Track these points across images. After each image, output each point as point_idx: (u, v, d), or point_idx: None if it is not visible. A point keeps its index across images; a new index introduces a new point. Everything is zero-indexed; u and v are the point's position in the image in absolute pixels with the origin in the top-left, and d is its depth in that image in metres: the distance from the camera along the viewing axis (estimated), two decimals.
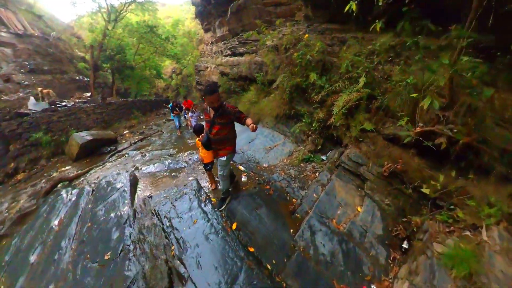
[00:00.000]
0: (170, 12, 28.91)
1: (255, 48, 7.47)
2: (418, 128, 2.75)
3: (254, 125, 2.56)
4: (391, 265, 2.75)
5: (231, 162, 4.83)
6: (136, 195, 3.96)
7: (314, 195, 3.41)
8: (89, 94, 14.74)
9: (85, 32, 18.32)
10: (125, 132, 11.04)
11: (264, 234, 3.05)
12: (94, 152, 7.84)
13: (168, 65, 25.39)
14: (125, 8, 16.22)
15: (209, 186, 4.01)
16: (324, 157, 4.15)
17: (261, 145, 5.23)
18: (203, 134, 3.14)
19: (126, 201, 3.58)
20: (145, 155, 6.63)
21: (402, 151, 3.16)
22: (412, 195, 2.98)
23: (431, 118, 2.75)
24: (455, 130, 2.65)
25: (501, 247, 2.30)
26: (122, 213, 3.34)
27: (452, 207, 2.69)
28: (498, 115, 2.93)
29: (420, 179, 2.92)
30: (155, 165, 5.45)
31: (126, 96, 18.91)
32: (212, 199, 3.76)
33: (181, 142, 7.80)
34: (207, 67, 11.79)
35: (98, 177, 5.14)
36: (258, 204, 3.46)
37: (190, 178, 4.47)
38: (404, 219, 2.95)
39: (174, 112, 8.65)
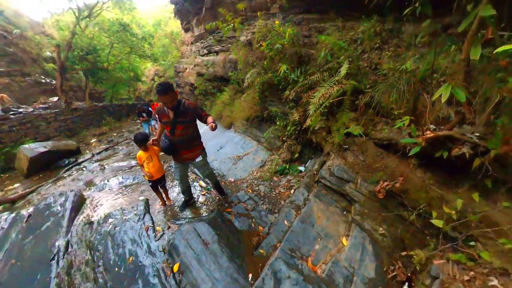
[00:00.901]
0: (153, 12, 27.65)
1: (229, 45, 6.85)
2: (428, 132, 1.93)
3: (214, 124, 2.35)
4: None
5: (193, 175, 4.01)
6: (77, 220, 3.32)
7: (286, 222, 2.57)
8: (56, 98, 13.10)
9: (59, 31, 16.75)
10: (92, 141, 9.86)
11: (213, 282, 2.24)
12: (49, 166, 6.76)
13: (150, 68, 23.98)
14: (100, 5, 14.85)
15: (159, 204, 3.37)
16: (302, 168, 3.33)
17: (230, 154, 4.39)
18: (149, 142, 2.76)
19: (61, 230, 3.08)
20: (105, 168, 5.74)
21: (400, 162, 2.35)
22: (414, 222, 2.18)
23: (445, 116, 1.93)
24: (478, 135, 1.85)
25: None
26: (53, 246, 2.86)
27: (471, 242, 1.92)
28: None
29: (427, 202, 2.13)
30: (110, 180, 4.67)
31: (102, 100, 17.48)
32: (157, 227, 2.93)
33: None
34: (186, 68, 10.97)
35: (42, 198, 4.23)
36: (211, 238, 2.60)
37: (141, 198, 3.66)
38: (404, 254, 2.16)
39: (141, 118, 7.72)
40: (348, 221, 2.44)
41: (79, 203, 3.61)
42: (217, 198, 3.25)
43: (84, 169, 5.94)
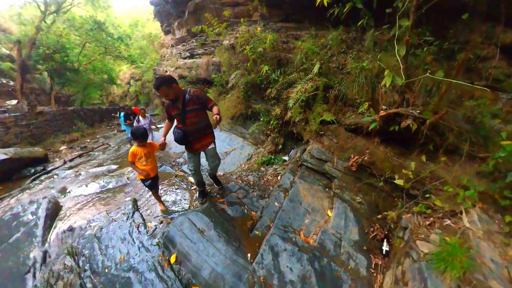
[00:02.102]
0: (130, 12, 26.31)
1: (213, 49, 7.14)
2: (382, 111, 2.44)
3: (218, 116, 2.37)
4: (374, 274, 2.29)
5: (181, 173, 4.06)
6: (54, 228, 3.12)
7: (276, 204, 2.80)
8: (15, 101, 11.42)
9: (19, 26, 14.43)
10: (62, 148, 8.84)
11: (212, 266, 2.29)
12: (11, 177, 5.93)
13: (125, 70, 22.29)
14: (70, 1, 13.58)
15: (159, 208, 3.22)
16: (286, 158, 3.66)
17: (217, 151, 4.54)
18: (161, 141, 2.63)
19: (35, 240, 2.88)
20: (80, 174, 5.32)
21: (366, 141, 2.83)
22: (383, 188, 2.61)
23: (393, 101, 2.50)
24: (418, 111, 2.41)
25: (484, 232, 2.03)
26: (26, 258, 2.67)
27: (427, 195, 2.38)
28: (445, 96, 2.90)
29: (390, 169, 2.59)
30: (89, 185, 4.39)
31: (70, 104, 15.70)
32: (148, 223, 2.89)
33: (127, 156, 6.52)
34: (166, 71, 10.74)
35: (6, 208, 3.77)
36: (206, 225, 2.68)
37: (127, 199, 3.57)
38: (379, 216, 2.54)
39: (128, 121, 7.29)
40: (331, 195, 2.77)
41: (54, 210, 3.37)
42: (208, 190, 3.35)
43: (55, 176, 5.42)
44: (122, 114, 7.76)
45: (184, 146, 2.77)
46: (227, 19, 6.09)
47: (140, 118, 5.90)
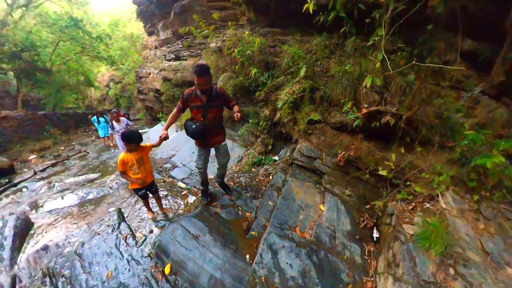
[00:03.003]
0: (110, 11, 24.63)
1: (199, 51, 7.04)
2: (364, 109, 2.66)
3: (239, 114, 2.47)
4: (368, 260, 2.43)
5: (170, 179, 3.95)
6: (25, 248, 2.88)
7: (270, 203, 2.87)
8: None
9: None
10: (31, 157, 7.96)
11: (211, 272, 2.26)
12: None
13: (104, 72, 21.03)
14: None
15: (147, 215, 3.08)
16: (276, 157, 3.77)
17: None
18: (162, 135, 2.42)
19: (2, 264, 2.63)
20: (54, 185, 4.87)
21: (351, 138, 3.04)
22: (369, 180, 2.81)
23: (373, 100, 2.73)
24: (395, 109, 2.65)
25: (457, 210, 2.29)
26: None
27: (408, 183, 2.61)
28: (417, 96, 3.25)
29: (374, 162, 2.80)
30: (65, 198, 4.06)
31: (41, 109, 14.21)
32: (137, 234, 2.80)
33: (110, 163, 6.14)
34: (150, 73, 10.30)
35: None
36: (200, 230, 2.64)
37: (111, 209, 3.38)
38: (368, 206, 2.72)
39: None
40: (322, 191, 2.91)
41: (24, 228, 3.09)
42: (199, 195, 3.32)
43: (24, 190, 4.93)
44: (101, 119, 7.20)
45: (197, 140, 2.71)
46: (215, 22, 6.11)
47: (114, 123, 5.09)
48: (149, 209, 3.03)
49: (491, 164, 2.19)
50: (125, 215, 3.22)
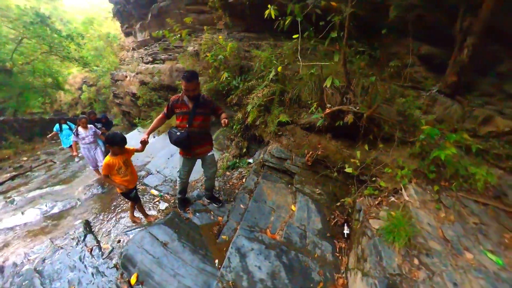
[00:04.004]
0: (84, 8, 22.86)
1: (177, 54, 6.93)
2: (327, 109, 2.75)
3: (227, 120, 2.45)
4: (340, 257, 2.43)
5: (143, 186, 3.84)
6: None
7: (242, 206, 2.82)
8: None
9: None
10: None
11: (179, 279, 2.18)
12: None
13: (76, 74, 19.31)
14: None
15: (143, 220, 3.05)
16: (251, 160, 3.76)
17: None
18: (144, 139, 2.38)
19: None
20: (14, 200, 4.47)
21: (319, 138, 3.10)
22: (338, 178, 2.85)
23: (337, 101, 2.83)
24: (357, 108, 2.76)
25: (420, 202, 2.34)
26: None
27: (373, 179, 2.67)
28: (382, 95, 3.43)
29: (342, 160, 2.86)
30: (26, 213, 3.77)
31: (1, 114, 12.65)
32: (104, 245, 2.67)
33: (79, 172, 5.83)
34: (126, 76, 9.81)
35: None
36: (169, 237, 2.55)
37: (77, 222, 3.20)
38: (338, 204, 2.74)
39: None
40: (293, 191, 2.91)
41: None
42: (172, 201, 3.23)
43: None
44: (64, 126, 6.15)
45: (181, 149, 2.60)
46: (190, 26, 6.18)
47: (80, 129, 4.39)
48: (144, 213, 3.03)
49: (444, 155, 2.30)
50: (94, 227, 3.09)
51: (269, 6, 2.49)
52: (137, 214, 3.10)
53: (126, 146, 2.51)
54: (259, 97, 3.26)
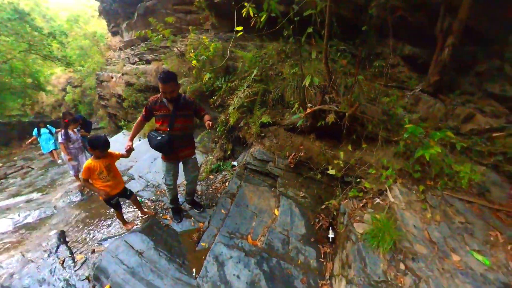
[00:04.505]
0: (69, 4, 21.45)
1: (163, 55, 6.74)
2: (308, 109, 2.67)
3: (211, 122, 2.29)
4: (324, 262, 2.32)
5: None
6: None
7: (223, 211, 2.68)
8: None
9: None
10: None
11: None
12: None
13: (60, 74, 18.09)
14: None
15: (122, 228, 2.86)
16: (235, 163, 3.64)
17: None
18: (127, 146, 2.30)
19: None
20: None
21: (303, 139, 3.01)
22: (322, 180, 2.75)
23: (319, 100, 2.76)
24: (339, 107, 2.69)
25: (405, 203, 2.26)
26: None
27: (358, 180, 2.58)
28: (366, 95, 3.40)
29: (325, 162, 2.77)
30: None
31: None
32: (78, 255, 2.55)
33: (58, 179, 5.50)
34: (112, 77, 9.44)
35: None
36: (146, 245, 2.39)
37: (52, 232, 3.00)
38: (323, 207, 2.63)
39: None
40: (276, 194, 2.79)
41: None
42: (152, 207, 3.06)
43: None
44: (44, 130, 5.69)
45: (163, 154, 2.45)
46: (176, 26, 6.03)
47: (70, 132, 4.02)
48: (123, 221, 2.79)
49: (429, 155, 2.24)
50: (70, 236, 2.90)
51: (245, 4, 2.40)
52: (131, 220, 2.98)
53: (111, 151, 2.42)
54: (241, 97, 3.17)
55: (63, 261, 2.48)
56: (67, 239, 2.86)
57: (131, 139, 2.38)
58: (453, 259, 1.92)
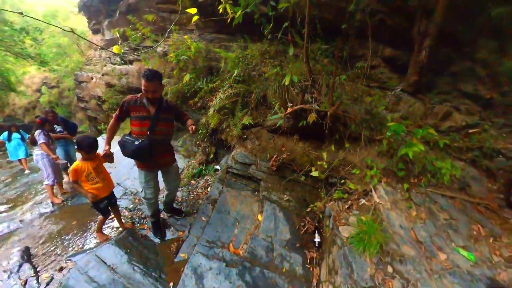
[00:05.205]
0: (47, 1, 19.05)
1: (146, 55, 6.34)
2: (289, 108, 2.59)
3: (194, 126, 2.21)
4: (311, 269, 2.19)
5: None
6: None
7: (203, 218, 2.51)
8: None
9: None
10: None
11: None
12: None
13: (34, 73, 16.59)
14: None
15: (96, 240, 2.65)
16: (218, 167, 3.48)
17: None
18: (106, 151, 2.15)
19: None
20: None
21: (286, 140, 2.92)
22: (307, 182, 2.65)
23: (300, 99, 2.68)
24: (319, 106, 2.63)
25: (391, 202, 2.21)
26: None
27: (342, 181, 2.51)
28: (349, 95, 3.39)
29: (309, 163, 2.68)
30: None
31: None
32: (43, 274, 2.31)
33: (27, 189, 4.95)
34: (91, 78, 8.93)
35: None
36: (119, 259, 2.17)
37: (15, 250, 2.69)
38: (308, 210, 2.53)
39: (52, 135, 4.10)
40: (260, 199, 2.66)
41: None
42: (129, 217, 2.83)
43: None
44: (15, 135, 5.21)
45: (141, 161, 2.24)
46: (163, 24, 5.81)
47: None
48: (100, 230, 2.58)
49: (412, 152, 2.21)
50: (35, 253, 2.62)
51: (222, 1, 2.30)
52: (105, 231, 2.71)
53: (99, 152, 2.33)
54: (222, 98, 3.04)
55: (25, 282, 2.23)
56: (32, 256, 2.58)
57: (108, 143, 2.22)
58: (440, 258, 1.87)
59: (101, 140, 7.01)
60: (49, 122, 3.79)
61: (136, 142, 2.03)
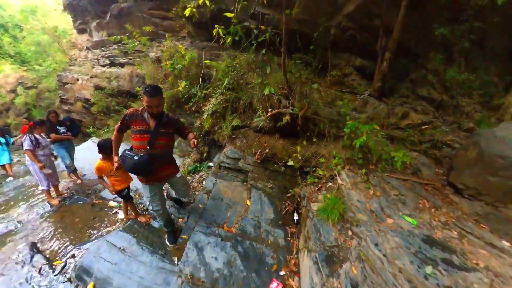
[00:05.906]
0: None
1: (138, 59, 6.57)
2: (269, 112, 3.15)
3: (196, 140, 2.26)
4: (291, 241, 2.68)
5: (100, 200, 3.56)
6: None
7: (200, 205, 2.98)
8: None
9: None
10: None
11: (138, 281, 2.23)
12: None
13: (9, 73, 15.29)
14: None
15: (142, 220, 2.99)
16: (211, 164, 3.97)
17: None
18: (116, 164, 2.37)
19: None
20: None
21: (269, 138, 3.47)
22: (286, 172, 3.18)
23: (277, 105, 3.25)
24: (292, 110, 3.20)
25: (351, 184, 2.72)
26: None
27: (314, 169, 3.05)
28: (324, 99, 3.99)
29: (287, 156, 3.22)
30: None
31: None
32: (56, 261, 2.61)
33: (17, 193, 4.66)
34: (77, 79, 8.68)
35: None
36: (128, 242, 2.58)
37: (20, 246, 2.89)
38: (288, 194, 3.04)
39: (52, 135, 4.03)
40: (248, 187, 3.16)
41: None
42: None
43: None
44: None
45: (142, 175, 2.22)
46: (152, 31, 5.96)
47: (38, 136, 3.49)
48: (136, 213, 3.05)
49: (359, 142, 2.77)
50: (43, 248, 2.88)
51: (216, 26, 2.91)
52: (109, 226, 3.10)
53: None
54: (214, 104, 3.59)
55: (40, 269, 2.51)
56: (40, 250, 2.81)
57: (116, 154, 2.35)
58: (388, 222, 2.38)
59: (90, 144, 6.86)
60: (50, 123, 3.83)
61: (136, 157, 2.04)
